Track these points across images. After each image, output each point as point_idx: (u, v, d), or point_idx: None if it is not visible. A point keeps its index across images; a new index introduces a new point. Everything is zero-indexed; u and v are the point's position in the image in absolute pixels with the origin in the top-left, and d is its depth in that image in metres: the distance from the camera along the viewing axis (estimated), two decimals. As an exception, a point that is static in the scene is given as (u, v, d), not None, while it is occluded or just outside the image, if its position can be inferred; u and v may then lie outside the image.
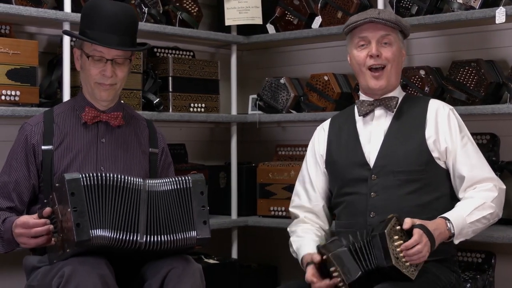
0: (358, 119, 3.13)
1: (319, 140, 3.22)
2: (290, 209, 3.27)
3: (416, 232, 2.72)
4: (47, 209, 2.77)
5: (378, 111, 3.08)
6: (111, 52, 2.96)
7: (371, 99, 3.09)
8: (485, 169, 3.01)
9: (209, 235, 2.80)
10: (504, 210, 3.89)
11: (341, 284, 2.71)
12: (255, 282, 4.55)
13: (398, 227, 2.72)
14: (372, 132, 3.07)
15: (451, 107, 3.10)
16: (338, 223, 3.10)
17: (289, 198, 3.27)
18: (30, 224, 2.78)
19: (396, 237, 2.69)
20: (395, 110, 3.06)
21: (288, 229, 3.23)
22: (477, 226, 2.92)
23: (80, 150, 3.00)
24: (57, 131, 3.01)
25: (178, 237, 2.76)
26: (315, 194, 3.18)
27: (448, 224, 2.84)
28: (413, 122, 3.03)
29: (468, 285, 3.51)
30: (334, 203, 3.13)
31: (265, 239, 4.87)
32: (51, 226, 2.76)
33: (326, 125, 3.25)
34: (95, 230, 2.65)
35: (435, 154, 2.98)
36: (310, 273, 2.82)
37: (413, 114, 3.05)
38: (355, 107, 3.15)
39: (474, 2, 3.78)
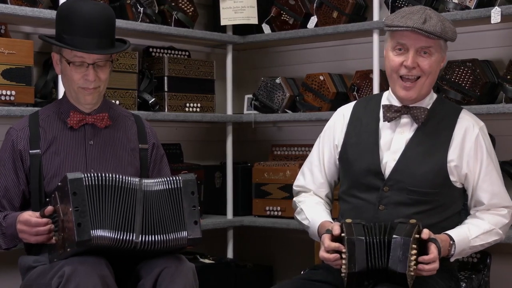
0: (382, 122, 2.95)
1: (336, 127, 3.07)
2: (294, 187, 3.17)
3: (435, 249, 2.67)
4: (49, 208, 2.77)
5: (404, 119, 2.92)
6: (92, 56, 2.93)
7: (399, 105, 2.92)
8: (505, 197, 2.94)
9: (200, 235, 2.79)
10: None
11: (343, 267, 2.69)
12: (250, 282, 4.55)
13: (417, 236, 2.67)
14: (394, 140, 2.92)
15: (482, 124, 2.96)
16: (342, 220, 3.05)
17: (285, 198, 3.25)
18: (32, 223, 2.79)
19: (414, 245, 2.65)
20: (421, 122, 2.90)
21: (295, 199, 3.12)
22: (477, 249, 2.90)
23: (68, 154, 2.99)
24: (43, 135, 3.00)
25: (170, 237, 2.76)
26: (321, 181, 3.08)
27: (451, 244, 2.80)
28: (437, 138, 2.89)
29: (464, 285, 3.51)
30: (342, 198, 3.03)
31: (260, 239, 4.88)
32: (52, 226, 2.76)
33: (347, 111, 3.07)
34: (95, 230, 2.65)
35: (453, 178, 2.88)
36: (328, 240, 2.73)
37: (439, 129, 2.90)
38: (381, 109, 2.96)
39: (469, 2, 3.79)
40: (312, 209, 3.02)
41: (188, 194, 2.80)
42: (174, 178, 2.82)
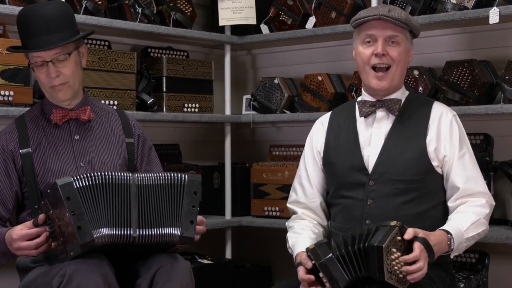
0: (359, 120, 3.03)
1: (317, 135, 3.15)
2: (288, 204, 3.21)
3: (418, 247, 2.64)
4: (42, 216, 2.76)
5: (380, 113, 3.00)
6: (47, 53, 2.94)
7: (373, 100, 3.01)
8: (479, 183, 2.95)
9: (192, 235, 2.79)
10: (498, 211, 3.92)
11: None
12: (249, 282, 4.55)
13: (399, 238, 2.64)
14: (373, 135, 2.99)
15: (454, 113, 3.03)
16: (334, 224, 3.07)
17: (283, 198, 3.26)
18: (32, 234, 2.76)
19: (394, 249, 2.61)
20: (397, 113, 2.98)
21: (286, 224, 3.18)
22: (470, 242, 2.89)
23: (56, 150, 3.01)
24: (31, 135, 3.02)
25: (164, 232, 2.76)
26: (312, 191, 3.13)
27: (450, 239, 2.79)
28: (415, 127, 2.96)
29: (462, 285, 3.51)
30: (330, 202, 3.09)
31: (259, 239, 4.88)
32: (47, 233, 2.75)
33: (325, 120, 3.17)
34: (95, 230, 2.66)
35: (434, 163, 2.92)
36: (302, 272, 2.77)
37: (415, 118, 2.98)
38: (356, 106, 3.06)
39: (467, 2, 3.79)
40: (295, 237, 3.04)
41: (190, 193, 2.81)
42: (179, 175, 2.83)
